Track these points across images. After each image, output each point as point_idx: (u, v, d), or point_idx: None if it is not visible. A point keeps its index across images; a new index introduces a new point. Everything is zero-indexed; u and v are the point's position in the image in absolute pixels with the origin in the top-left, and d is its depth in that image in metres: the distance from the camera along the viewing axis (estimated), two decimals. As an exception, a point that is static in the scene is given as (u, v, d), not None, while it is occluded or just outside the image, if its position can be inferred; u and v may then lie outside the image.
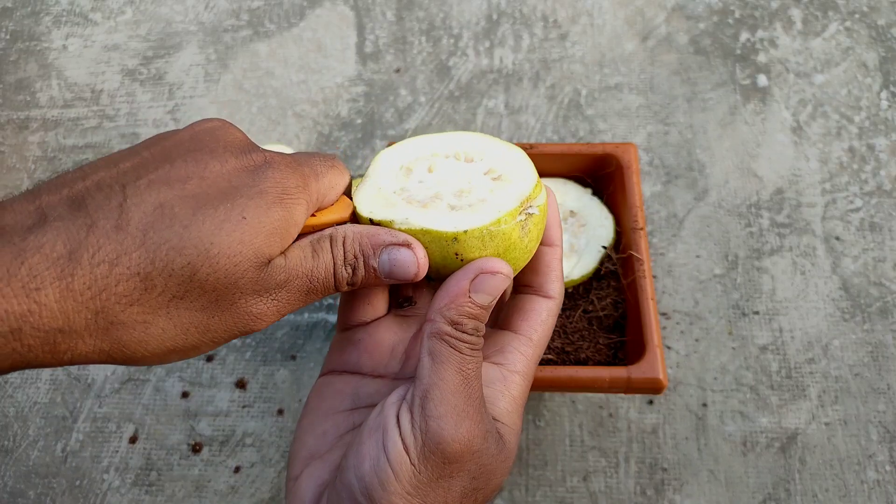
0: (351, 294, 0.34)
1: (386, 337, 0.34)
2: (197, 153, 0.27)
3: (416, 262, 0.30)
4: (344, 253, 0.29)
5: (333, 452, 0.31)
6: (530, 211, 0.30)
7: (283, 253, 0.28)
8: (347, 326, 0.35)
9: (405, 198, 0.31)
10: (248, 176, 0.27)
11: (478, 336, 0.29)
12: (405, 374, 0.33)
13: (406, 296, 0.35)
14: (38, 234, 0.23)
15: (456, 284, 0.29)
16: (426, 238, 0.30)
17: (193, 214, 0.25)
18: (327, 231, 0.30)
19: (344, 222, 0.32)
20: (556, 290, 0.33)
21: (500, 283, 0.29)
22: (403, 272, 0.30)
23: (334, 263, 0.29)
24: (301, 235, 0.30)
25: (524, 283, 0.34)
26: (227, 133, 0.29)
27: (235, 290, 0.26)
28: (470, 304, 0.29)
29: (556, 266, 0.33)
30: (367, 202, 0.31)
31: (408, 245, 0.30)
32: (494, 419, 0.30)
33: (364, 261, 0.30)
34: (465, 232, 0.29)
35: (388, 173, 0.33)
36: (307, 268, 0.29)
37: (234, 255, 0.26)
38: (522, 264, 0.32)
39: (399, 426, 0.28)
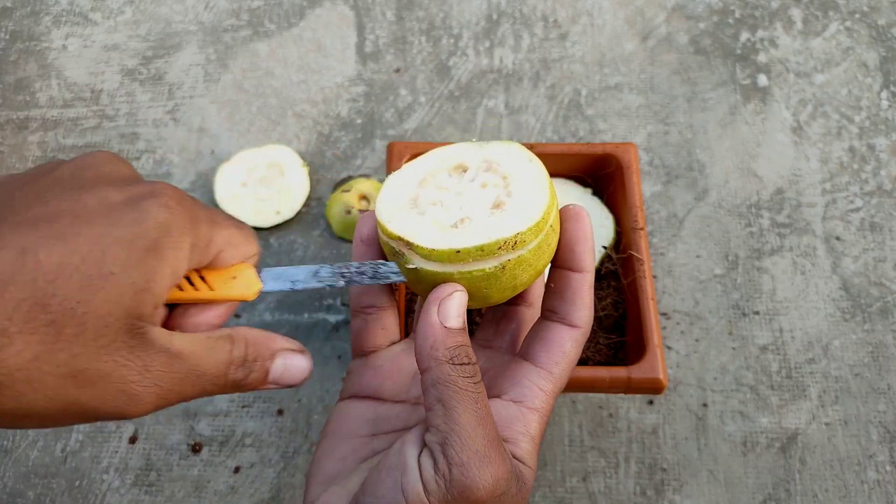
0: (365, 320, 0.34)
1: (407, 362, 0.34)
2: (73, 190, 0.25)
3: (308, 370, 0.30)
4: (244, 354, 0.29)
5: (352, 479, 0.31)
6: (508, 257, 0.29)
7: (170, 331, 0.26)
8: (364, 352, 0.34)
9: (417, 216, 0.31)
10: (127, 210, 0.25)
11: (473, 364, 0.28)
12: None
13: None
14: None
15: (427, 324, 0.28)
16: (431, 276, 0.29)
17: (59, 265, 0.23)
18: (227, 330, 0.29)
19: (245, 301, 0.30)
20: (583, 320, 0.31)
21: (460, 300, 0.28)
22: (292, 378, 0.30)
23: (230, 362, 0.28)
24: (198, 304, 0.28)
25: (549, 307, 0.32)
26: (112, 165, 0.27)
27: (107, 361, 0.24)
28: (448, 334, 0.28)
29: (585, 293, 0.31)
30: (393, 218, 0.31)
31: (302, 352, 0.30)
32: (516, 459, 0.29)
33: (260, 364, 0.29)
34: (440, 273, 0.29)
35: (401, 191, 0.32)
36: (198, 360, 0.27)
37: (104, 316, 0.24)
38: (526, 285, 0.31)
39: (420, 470, 0.27)
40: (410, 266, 0.29)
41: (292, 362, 0.30)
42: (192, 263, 0.27)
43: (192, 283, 0.29)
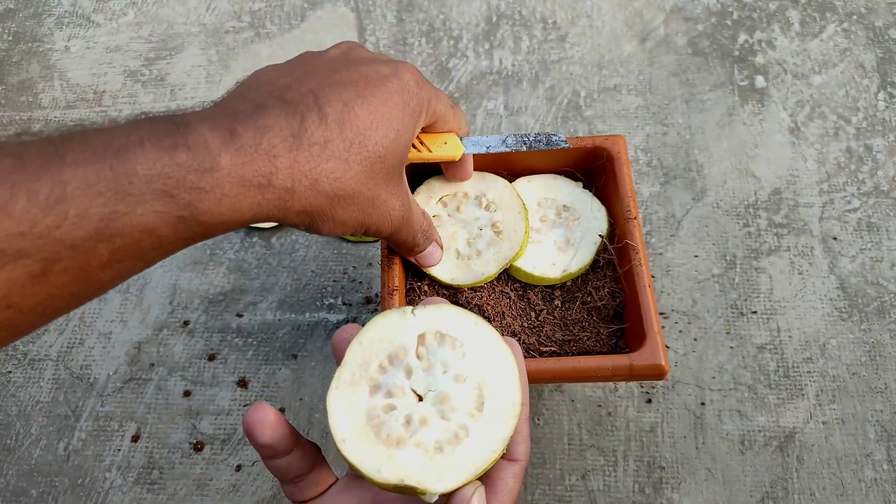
0: (297, 487, 0.33)
1: (346, 499, 0.33)
2: (353, 64, 0.35)
3: (440, 256, 0.46)
4: (426, 230, 0.42)
5: None
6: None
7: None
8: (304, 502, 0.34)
9: (371, 424, 0.29)
10: (396, 80, 0.35)
11: None
12: None
13: None
14: (265, 117, 0.30)
15: None
16: (372, 480, 0.29)
17: (370, 115, 0.33)
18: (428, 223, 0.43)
19: (453, 160, 0.42)
20: (521, 453, 0.32)
21: (480, 497, 0.29)
22: (431, 260, 0.45)
23: (422, 229, 0.42)
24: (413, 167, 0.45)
25: None
26: (362, 49, 0.38)
27: (390, 188, 0.36)
28: None
29: (521, 428, 0.31)
30: (340, 415, 0.29)
31: (441, 247, 0.46)
32: None
33: (432, 242, 0.44)
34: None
35: (367, 357, 0.31)
36: (416, 211, 0.40)
37: (394, 161, 0.35)
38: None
39: None
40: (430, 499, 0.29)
41: (435, 251, 0.45)
42: (418, 125, 0.38)
43: (414, 147, 0.41)
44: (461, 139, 0.42)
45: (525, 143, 0.42)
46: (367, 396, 0.30)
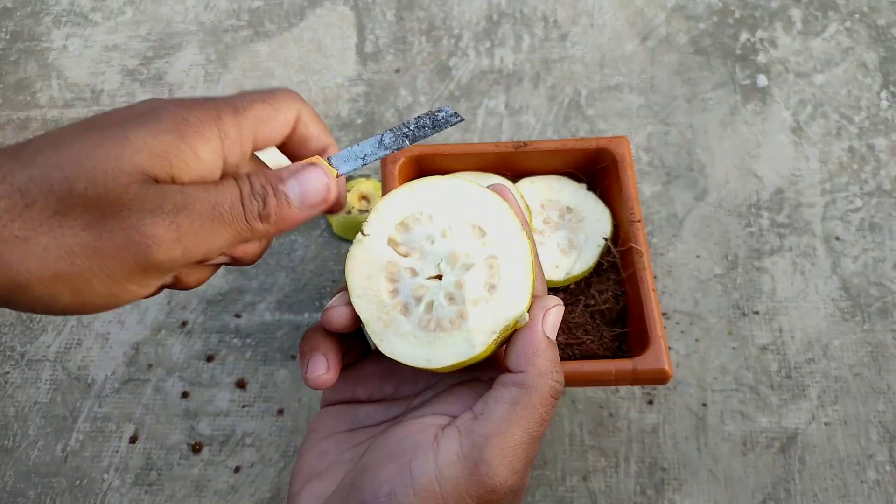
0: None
1: (374, 369, 0.34)
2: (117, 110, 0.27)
3: (325, 181, 0.29)
4: (250, 184, 0.27)
5: (333, 470, 0.31)
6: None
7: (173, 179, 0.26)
8: (332, 401, 0.35)
9: (430, 328, 0.30)
10: (150, 111, 0.26)
11: (561, 385, 0.29)
12: (400, 395, 0.34)
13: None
14: None
15: (533, 331, 0.29)
16: (479, 358, 0.30)
17: (79, 137, 0.25)
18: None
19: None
20: (539, 289, 0.32)
21: (557, 313, 0.29)
22: (316, 194, 0.29)
23: (240, 191, 0.27)
24: None
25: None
26: (169, 101, 0.28)
27: (121, 205, 0.25)
28: (549, 345, 0.28)
29: (537, 270, 0.32)
30: (407, 350, 0.30)
31: (313, 164, 0.29)
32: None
33: (272, 189, 0.28)
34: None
35: (375, 300, 0.31)
36: (210, 193, 0.26)
37: (111, 169, 0.24)
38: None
39: (436, 457, 0.27)
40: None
41: (306, 177, 0.28)
42: (223, 153, 0.27)
43: None
44: (329, 159, 0.31)
45: (407, 137, 0.32)
46: (406, 321, 0.30)
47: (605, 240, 0.47)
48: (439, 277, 0.31)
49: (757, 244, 0.59)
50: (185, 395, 0.55)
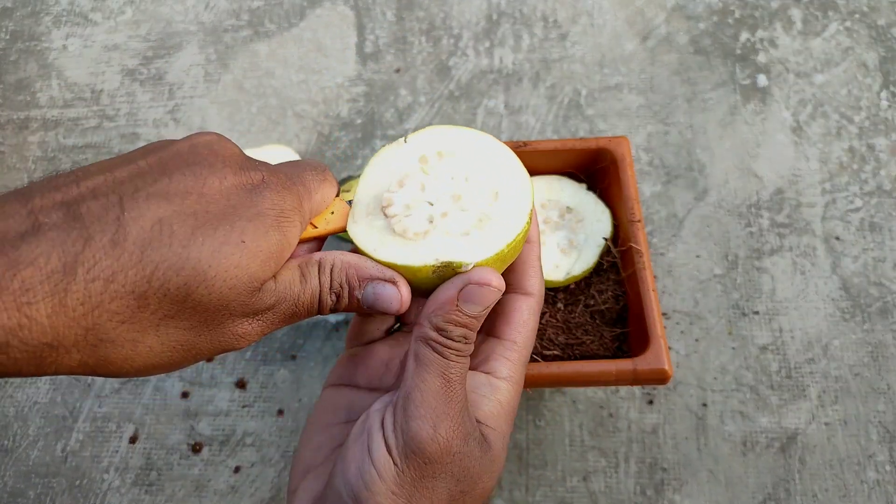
0: (362, 316, 0.36)
1: (382, 352, 0.35)
2: (195, 167, 0.26)
3: (399, 298, 0.30)
4: (331, 281, 0.30)
5: (327, 465, 0.32)
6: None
7: (273, 276, 0.28)
8: (355, 344, 0.36)
9: (395, 228, 0.31)
10: (246, 196, 0.27)
11: (465, 343, 0.29)
12: (396, 387, 0.34)
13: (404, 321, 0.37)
14: (31, 244, 0.22)
15: (445, 293, 0.29)
16: (412, 273, 0.30)
17: (192, 234, 0.24)
18: (316, 256, 0.30)
19: (342, 231, 0.33)
20: (535, 287, 0.33)
21: (490, 295, 0.29)
22: (385, 306, 0.30)
23: (321, 289, 0.29)
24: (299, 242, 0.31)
25: None
26: (224, 147, 0.28)
27: (226, 312, 0.26)
28: (457, 312, 0.29)
29: (534, 262, 0.33)
30: (363, 236, 0.31)
31: (393, 282, 0.30)
32: (479, 422, 0.30)
33: (349, 291, 0.30)
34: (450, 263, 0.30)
35: (376, 192, 0.33)
36: (295, 293, 0.28)
37: (230, 279, 0.25)
38: (503, 269, 0.32)
39: (383, 429, 0.29)
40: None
41: (381, 291, 0.30)
42: (300, 232, 0.29)
43: None
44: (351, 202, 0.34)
45: None
46: (384, 219, 0.32)
47: (606, 240, 0.47)
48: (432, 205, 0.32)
49: (757, 244, 0.59)
50: (184, 395, 0.55)
